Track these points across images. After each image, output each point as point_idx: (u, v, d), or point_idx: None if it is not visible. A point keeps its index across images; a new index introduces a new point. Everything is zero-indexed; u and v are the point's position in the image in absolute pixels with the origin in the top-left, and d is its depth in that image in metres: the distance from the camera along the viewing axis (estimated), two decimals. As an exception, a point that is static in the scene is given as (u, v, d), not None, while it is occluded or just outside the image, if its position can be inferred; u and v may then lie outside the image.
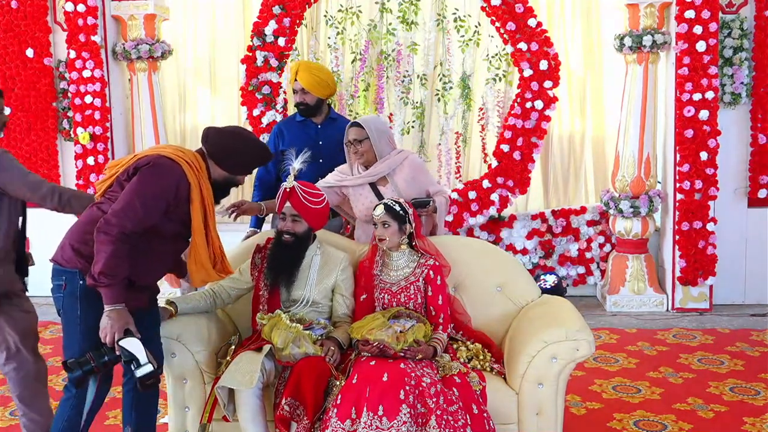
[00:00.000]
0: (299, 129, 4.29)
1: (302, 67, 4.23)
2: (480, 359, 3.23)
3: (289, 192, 3.26)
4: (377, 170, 3.74)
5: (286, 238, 3.27)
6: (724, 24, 5.84)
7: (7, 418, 4.01)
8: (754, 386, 4.28)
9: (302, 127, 4.29)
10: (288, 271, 3.26)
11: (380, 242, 3.28)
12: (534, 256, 6.29)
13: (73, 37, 6.09)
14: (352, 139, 3.73)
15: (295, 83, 4.18)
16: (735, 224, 6.03)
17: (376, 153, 3.72)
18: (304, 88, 4.18)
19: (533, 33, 5.93)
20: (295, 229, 3.27)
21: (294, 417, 2.90)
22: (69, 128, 6.40)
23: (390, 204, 3.28)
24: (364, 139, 3.70)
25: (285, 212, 3.28)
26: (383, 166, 3.74)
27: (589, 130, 6.45)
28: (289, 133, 4.27)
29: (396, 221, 3.25)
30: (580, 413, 3.96)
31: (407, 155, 3.83)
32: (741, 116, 6.01)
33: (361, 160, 3.75)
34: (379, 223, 3.26)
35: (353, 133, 3.73)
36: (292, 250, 3.27)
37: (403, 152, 3.86)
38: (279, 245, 3.29)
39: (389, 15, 6.22)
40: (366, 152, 3.72)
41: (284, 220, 3.29)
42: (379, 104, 6.22)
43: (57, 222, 6.49)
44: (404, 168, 3.76)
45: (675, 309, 5.90)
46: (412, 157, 3.85)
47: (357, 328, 3.11)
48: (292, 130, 4.30)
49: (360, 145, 3.70)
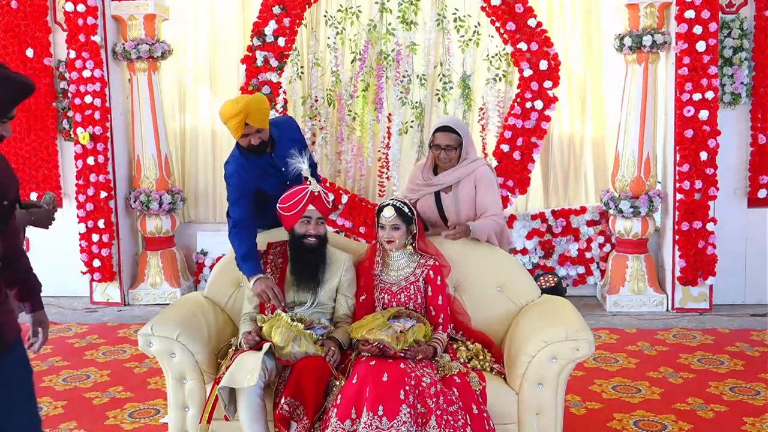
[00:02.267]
0: (256, 167, 3.57)
1: (246, 110, 3.42)
2: (480, 359, 3.23)
3: (316, 195, 3.27)
4: (447, 179, 3.65)
5: (311, 242, 3.27)
6: (724, 24, 5.84)
7: (7, 418, 4.01)
8: (754, 386, 4.28)
9: (257, 163, 3.58)
10: (316, 275, 3.27)
11: (389, 244, 3.28)
12: (534, 256, 6.29)
13: (73, 37, 6.09)
14: (444, 144, 3.57)
15: (247, 127, 3.44)
16: (735, 224, 6.03)
17: (461, 157, 3.63)
18: (259, 128, 3.48)
19: (533, 33, 5.93)
20: (319, 232, 3.29)
21: (294, 416, 2.90)
22: (69, 128, 6.40)
23: (399, 206, 3.28)
24: (459, 146, 3.60)
25: (310, 215, 3.27)
26: (453, 176, 3.64)
27: (589, 130, 6.45)
28: (248, 177, 3.56)
29: (405, 223, 3.26)
30: (580, 413, 3.96)
31: (479, 166, 3.68)
32: (741, 116, 6.01)
33: (446, 165, 3.64)
34: (388, 225, 3.26)
35: (447, 139, 3.57)
36: (319, 253, 3.29)
37: (477, 162, 3.70)
38: (303, 249, 3.28)
39: (389, 15, 6.22)
40: (454, 159, 3.62)
41: (308, 224, 3.28)
42: (378, 104, 6.22)
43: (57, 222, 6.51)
44: (471, 179, 3.65)
45: (675, 309, 5.89)
46: (484, 170, 3.68)
47: (357, 328, 3.11)
48: (250, 172, 3.56)
49: (454, 152, 3.59)
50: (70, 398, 4.27)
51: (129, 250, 6.52)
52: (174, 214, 6.47)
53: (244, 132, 3.46)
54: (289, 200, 3.30)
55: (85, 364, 4.86)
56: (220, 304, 3.59)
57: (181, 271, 6.53)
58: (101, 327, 5.72)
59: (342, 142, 6.35)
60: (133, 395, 4.30)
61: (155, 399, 4.23)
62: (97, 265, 6.24)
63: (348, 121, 6.31)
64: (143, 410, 4.09)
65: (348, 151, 6.34)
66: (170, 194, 6.34)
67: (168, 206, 6.31)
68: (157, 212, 6.30)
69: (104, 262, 6.24)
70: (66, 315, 6.08)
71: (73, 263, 6.36)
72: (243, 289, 3.53)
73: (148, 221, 6.36)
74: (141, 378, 4.58)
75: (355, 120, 6.28)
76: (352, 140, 6.35)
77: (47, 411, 4.08)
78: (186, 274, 6.60)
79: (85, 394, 4.35)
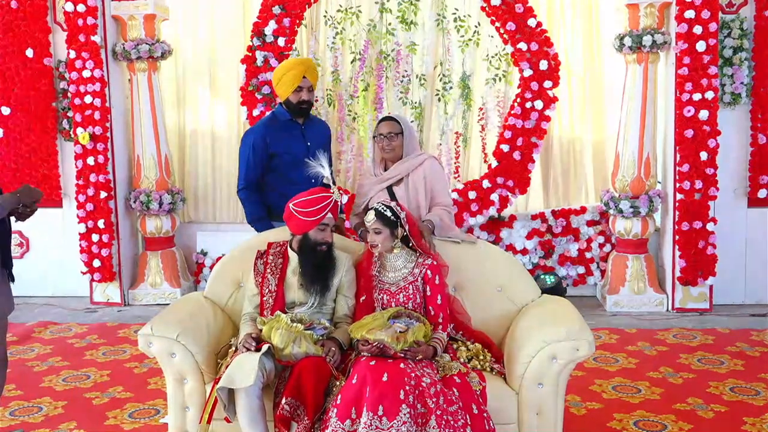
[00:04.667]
0: (285, 131, 4.07)
1: (307, 63, 4.06)
2: (480, 359, 3.23)
3: (338, 204, 3.32)
4: (397, 172, 3.75)
5: (324, 248, 3.29)
6: (724, 24, 5.84)
7: (7, 418, 4.01)
8: (754, 386, 4.28)
9: (288, 128, 4.08)
10: (326, 280, 3.28)
11: (372, 248, 3.29)
12: (534, 256, 6.29)
13: (73, 37, 6.09)
14: (386, 132, 3.70)
15: (304, 81, 3.97)
16: (735, 224, 6.03)
17: (404, 150, 3.73)
18: (312, 85, 4.02)
19: (533, 33, 5.93)
20: (331, 239, 3.31)
21: (294, 417, 2.90)
22: (69, 128, 6.40)
23: (381, 210, 3.26)
24: (398, 133, 3.71)
25: (327, 223, 3.27)
26: (403, 168, 3.74)
27: (589, 130, 6.45)
28: (277, 138, 4.05)
29: (388, 227, 3.25)
30: (580, 413, 3.96)
31: (427, 158, 3.81)
32: (741, 116, 6.01)
33: (390, 155, 3.75)
34: (371, 230, 3.26)
35: (388, 126, 3.71)
36: (329, 258, 3.31)
37: (424, 154, 3.84)
38: (316, 254, 3.27)
39: (389, 15, 6.22)
40: (397, 147, 3.73)
41: (325, 231, 3.28)
42: (378, 104, 6.22)
43: (57, 222, 6.52)
44: (420, 171, 3.74)
45: (675, 309, 5.89)
46: (431, 162, 3.82)
47: (357, 328, 3.11)
48: (278, 133, 4.06)
49: (395, 139, 3.70)
50: (70, 398, 4.27)
51: (129, 250, 6.51)
52: (174, 214, 6.47)
53: (300, 84, 3.94)
54: (309, 206, 3.24)
55: (85, 364, 4.86)
56: (220, 304, 3.58)
57: (181, 271, 6.52)
58: (101, 327, 5.72)
59: (342, 142, 6.35)
60: (133, 395, 4.30)
61: (155, 399, 4.22)
62: (97, 265, 6.24)
63: (348, 121, 6.31)
64: (143, 410, 4.09)
65: (348, 151, 6.34)
66: (170, 194, 6.34)
67: (168, 206, 6.31)
68: (157, 212, 6.30)
69: (104, 262, 6.23)
70: (66, 315, 6.08)
71: (73, 263, 6.35)
72: (243, 289, 3.53)
73: (148, 221, 6.36)
74: (141, 378, 4.58)
75: (355, 120, 6.28)
76: (352, 140, 6.35)
77: (47, 411, 4.08)
78: (186, 274, 6.60)
79: (85, 394, 4.34)
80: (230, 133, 6.65)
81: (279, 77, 4.01)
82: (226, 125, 6.67)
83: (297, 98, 3.99)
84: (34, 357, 5.04)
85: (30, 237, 6.60)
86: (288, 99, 4.05)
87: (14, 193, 3.16)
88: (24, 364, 4.84)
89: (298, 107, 4.06)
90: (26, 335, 5.50)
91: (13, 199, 3.14)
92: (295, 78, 3.93)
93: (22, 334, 5.48)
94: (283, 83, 3.97)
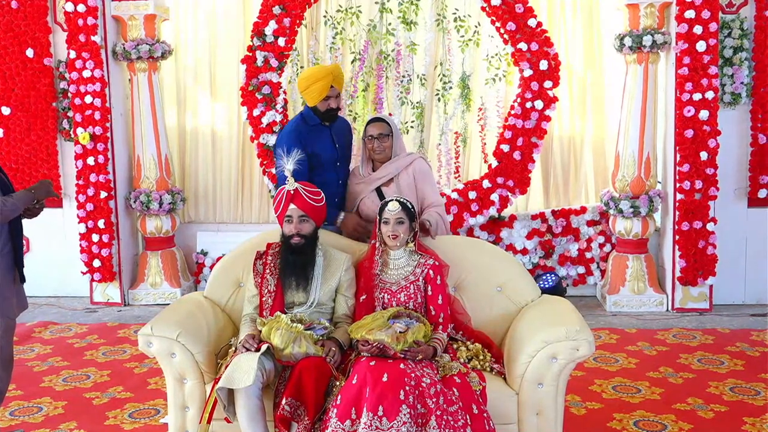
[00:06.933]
0: (316, 134, 4.02)
1: (335, 73, 3.95)
2: (480, 359, 3.23)
3: (292, 194, 3.28)
4: (386, 172, 3.80)
5: (297, 241, 3.28)
6: (724, 24, 5.84)
7: (7, 418, 4.01)
8: (754, 386, 4.28)
9: (318, 131, 4.05)
10: (304, 274, 3.27)
11: (393, 239, 3.27)
12: (534, 256, 6.29)
13: (73, 37, 6.09)
14: (377, 134, 3.75)
15: (331, 90, 3.90)
16: (735, 224, 6.02)
17: (392, 151, 3.80)
18: (339, 92, 3.98)
19: (533, 33, 5.93)
20: (303, 231, 3.29)
21: (295, 417, 2.90)
22: (69, 128, 6.40)
23: (404, 201, 3.31)
24: (388, 134, 3.76)
25: (291, 215, 3.28)
26: (392, 168, 3.80)
27: (589, 130, 6.45)
28: (310, 140, 3.96)
29: (408, 219, 3.27)
30: (580, 413, 3.96)
31: (415, 158, 3.88)
32: (741, 116, 6.01)
33: (380, 156, 3.80)
34: (393, 219, 3.26)
35: (378, 128, 3.76)
36: (304, 253, 3.29)
37: (412, 155, 3.92)
38: (289, 250, 3.29)
39: (389, 15, 6.22)
40: (387, 148, 3.79)
41: (291, 223, 3.29)
42: (378, 104, 6.22)
43: (57, 222, 6.52)
44: (409, 171, 3.81)
45: (675, 309, 5.89)
46: (420, 162, 3.88)
47: (357, 329, 3.11)
48: (310, 136, 3.98)
49: (385, 140, 3.76)
50: (70, 398, 4.27)
51: (129, 250, 6.51)
52: (174, 214, 6.47)
53: (328, 94, 3.87)
54: (275, 201, 3.36)
55: (85, 364, 4.86)
56: (220, 304, 3.59)
57: (181, 271, 6.52)
58: (101, 327, 5.72)
59: (342, 142, 6.35)
60: (133, 395, 4.30)
61: (155, 399, 4.23)
62: (97, 265, 6.24)
63: (348, 121, 6.31)
64: (143, 410, 4.09)
65: (348, 151, 6.34)
66: (170, 194, 6.34)
67: (168, 206, 6.31)
68: (157, 212, 6.30)
69: (104, 262, 6.23)
70: (66, 315, 6.08)
71: (73, 263, 6.36)
72: (243, 289, 3.53)
73: (148, 221, 6.36)
74: (141, 378, 4.58)
75: (355, 120, 6.28)
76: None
77: (47, 411, 4.08)
78: (186, 274, 6.60)
79: (85, 394, 4.35)
80: (230, 133, 6.65)
81: (306, 86, 3.94)
82: (227, 125, 6.67)
83: (325, 106, 3.96)
84: (34, 357, 5.04)
85: (30, 237, 6.58)
86: (316, 106, 4.01)
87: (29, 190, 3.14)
88: (24, 364, 4.84)
89: (326, 114, 4.02)
90: (26, 335, 5.51)
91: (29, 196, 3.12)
92: (323, 89, 3.89)
93: (22, 334, 5.48)
94: (311, 92, 3.91)
